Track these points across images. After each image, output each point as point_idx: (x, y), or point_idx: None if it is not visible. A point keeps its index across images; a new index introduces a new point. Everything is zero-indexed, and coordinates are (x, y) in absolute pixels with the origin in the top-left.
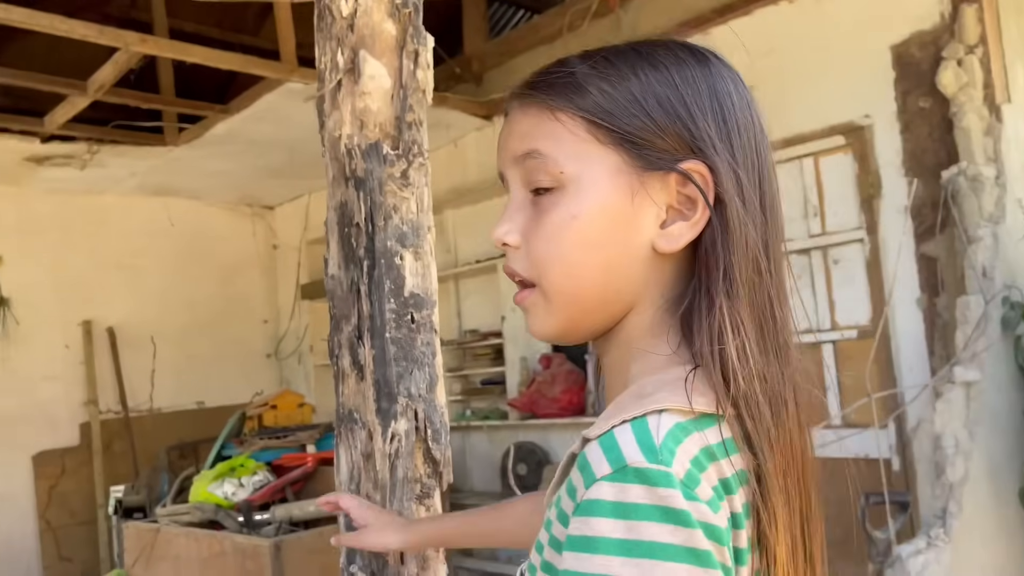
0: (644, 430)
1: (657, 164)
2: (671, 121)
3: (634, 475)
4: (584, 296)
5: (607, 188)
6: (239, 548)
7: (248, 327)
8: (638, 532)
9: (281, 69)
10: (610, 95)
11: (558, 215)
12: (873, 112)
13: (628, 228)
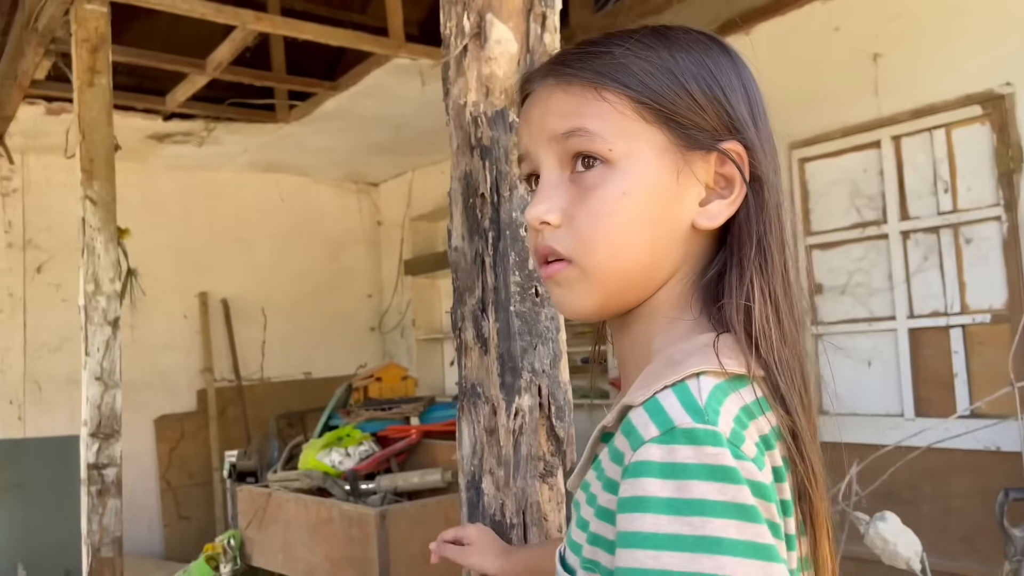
0: (687, 393)
1: (700, 143)
2: (711, 102)
3: (682, 436)
4: (628, 272)
5: (655, 166)
6: (346, 515)
7: (353, 301)
8: (687, 491)
9: (389, 45)
10: (653, 75)
11: (607, 192)
12: (1015, 79)
13: (673, 205)
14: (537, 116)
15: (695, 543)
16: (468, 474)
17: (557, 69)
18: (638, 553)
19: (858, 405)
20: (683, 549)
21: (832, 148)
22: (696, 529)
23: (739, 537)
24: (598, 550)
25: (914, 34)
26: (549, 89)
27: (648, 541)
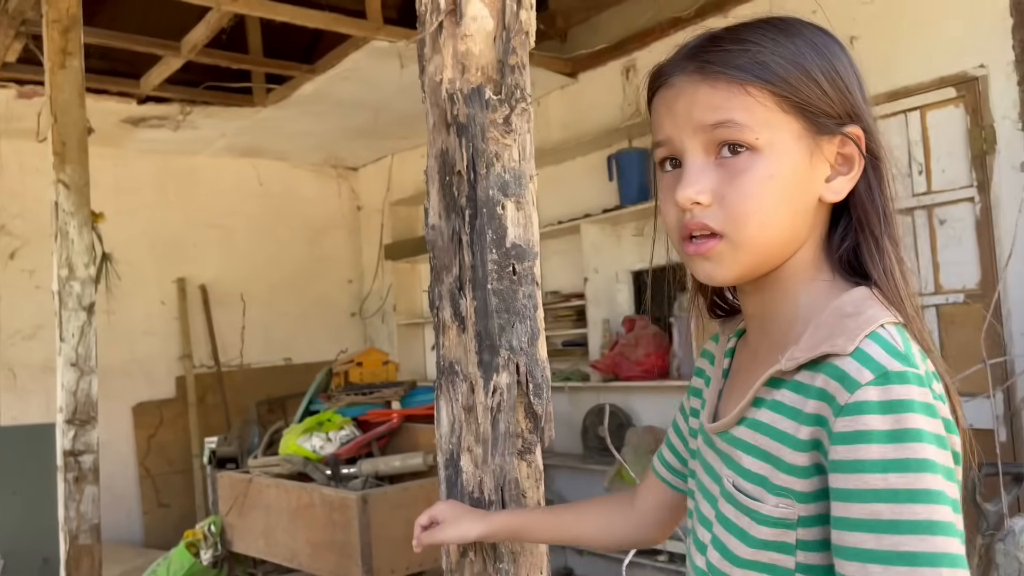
0: (886, 342)
1: (828, 129)
2: (835, 91)
3: (896, 377)
4: (773, 243)
5: (794, 150)
6: (327, 500)
7: (333, 286)
8: (905, 423)
9: (367, 27)
10: (788, 69)
11: (757, 175)
12: (988, 61)
13: (808, 184)
14: (684, 108)
15: (917, 465)
16: (446, 452)
17: (701, 65)
18: (867, 476)
19: None
20: (907, 471)
21: None
22: (916, 453)
23: (941, 462)
24: (790, 478)
25: (889, 17)
26: (695, 83)
27: (876, 466)
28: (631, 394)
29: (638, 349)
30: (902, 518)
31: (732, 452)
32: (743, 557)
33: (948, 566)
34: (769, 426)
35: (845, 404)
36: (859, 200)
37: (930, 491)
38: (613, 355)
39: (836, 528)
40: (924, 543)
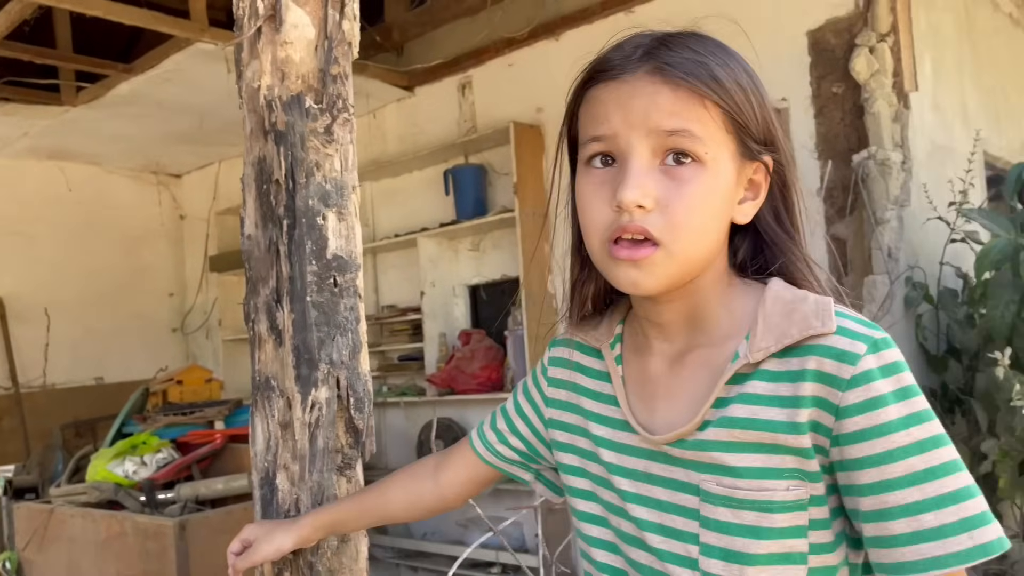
0: (852, 316)
1: (752, 154)
2: (764, 119)
3: (883, 344)
4: (701, 256)
5: (729, 170)
6: (140, 528)
7: (152, 300)
8: (902, 381)
9: (190, 28)
10: (738, 91)
11: (700, 189)
12: (789, 96)
13: (730, 203)
14: (640, 108)
15: (926, 414)
16: (261, 471)
17: (661, 67)
18: (893, 436)
19: None
20: (922, 421)
21: None
22: (921, 405)
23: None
24: (799, 458)
25: None
26: (655, 85)
27: (898, 424)
28: (467, 407)
29: (474, 362)
30: (934, 463)
31: (704, 456)
32: (758, 553)
33: (979, 494)
34: (750, 419)
35: (851, 377)
36: (767, 223)
37: (942, 435)
38: (449, 369)
39: (873, 494)
40: (959, 480)
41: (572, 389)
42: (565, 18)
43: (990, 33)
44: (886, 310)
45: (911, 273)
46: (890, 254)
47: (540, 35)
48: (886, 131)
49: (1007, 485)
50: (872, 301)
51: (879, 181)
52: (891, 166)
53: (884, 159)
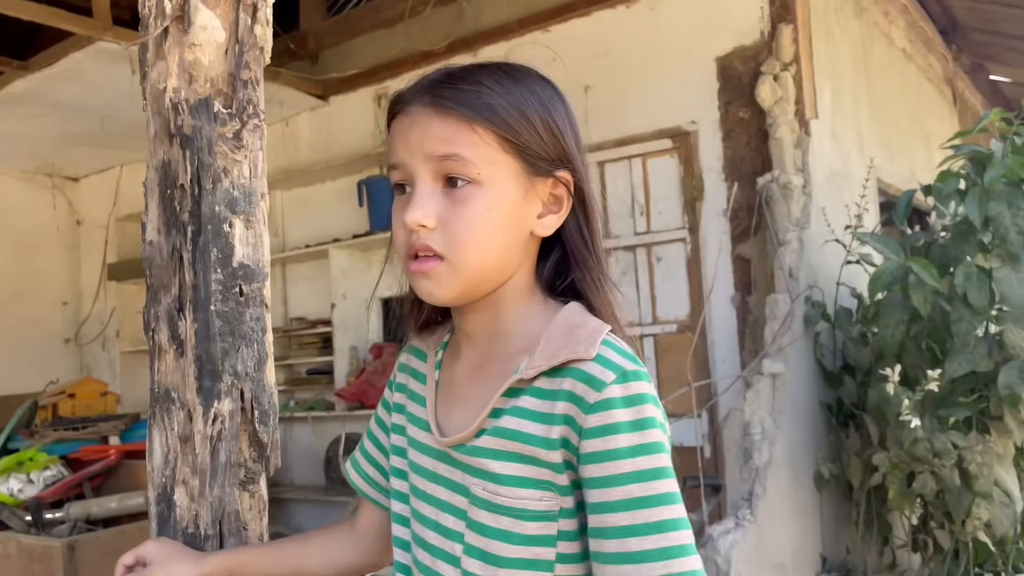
0: (616, 346)
1: (542, 171)
2: (551, 137)
3: (633, 376)
4: (487, 268)
5: (511, 188)
6: (25, 549)
7: (44, 309)
8: (643, 412)
9: (93, 26)
10: (511, 113)
11: (476, 207)
12: (699, 119)
13: (521, 218)
14: (417, 137)
15: (655, 447)
16: (159, 486)
17: (434, 99)
18: (620, 463)
19: None
20: (649, 453)
21: None
22: (653, 437)
23: (666, 444)
24: (552, 473)
25: (618, 71)
26: (428, 115)
27: (626, 452)
28: None
29: (386, 376)
30: (651, 493)
31: (476, 461)
32: (509, 557)
33: (686, 528)
34: (516, 431)
35: (595, 402)
36: (571, 236)
37: (666, 468)
38: (360, 383)
39: (595, 513)
40: (670, 511)
41: (405, 392)
42: (483, 34)
43: (884, 67)
44: (787, 327)
45: (810, 292)
46: (791, 274)
47: (458, 49)
48: (788, 156)
49: (896, 496)
50: (774, 318)
51: (781, 204)
52: (792, 189)
53: (786, 183)
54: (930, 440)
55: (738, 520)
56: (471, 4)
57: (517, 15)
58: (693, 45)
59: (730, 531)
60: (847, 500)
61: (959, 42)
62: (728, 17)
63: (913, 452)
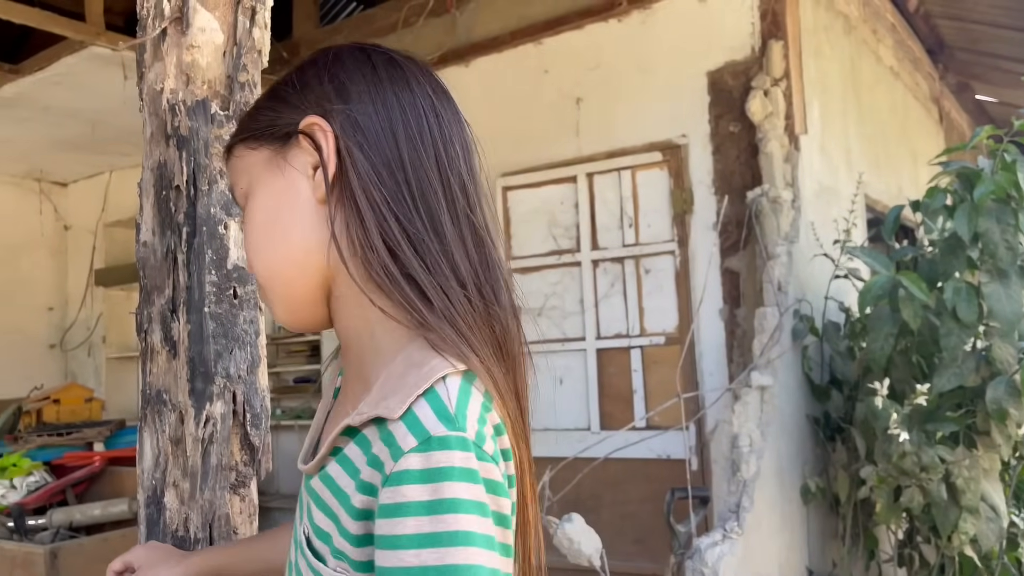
0: (438, 401)
1: (283, 136)
2: (297, 95)
3: (437, 443)
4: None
5: (268, 178)
6: (7, 556)
7: (29, 314)
8: (442, 492)
9: (86, 30)
10: (255, 109)
11: (251, 220)
12: (689, 132)
13: (294, 203)
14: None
15: (450, 538)
16: (148, 489)
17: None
18: (402, 553)
19: (551, 420)
20: (440, 545)
21: (534, 180)
22: (450, 525)
23: (480, 531)
24: (345, 543)
25: (610, 83)
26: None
27: (412, 541)
28: None
29: None
30: None
31: (308, 501)
32: None
33: None
34: (334, 481)
35: (390, 474)
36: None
37: (461, 567)
38: None
39: None
40: None
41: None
42: (475, 45)
43: (872, 84)
44: (775, 340)
45: (799, 306)
46: (780, 287)
47: (450, 60)
48: (778, 170)
49: (883, 510)
50: (763, 332)
51: (771, 218)
52: (782, 204)
53: (776, 197)
54: (918, 454)
55: (726, 532)
56: (464, 16)
57: (510, 27)
58: (684, 59)
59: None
60: (834, 513)
61: (946, 61)
62: (720, 33)
63: (901, 466)
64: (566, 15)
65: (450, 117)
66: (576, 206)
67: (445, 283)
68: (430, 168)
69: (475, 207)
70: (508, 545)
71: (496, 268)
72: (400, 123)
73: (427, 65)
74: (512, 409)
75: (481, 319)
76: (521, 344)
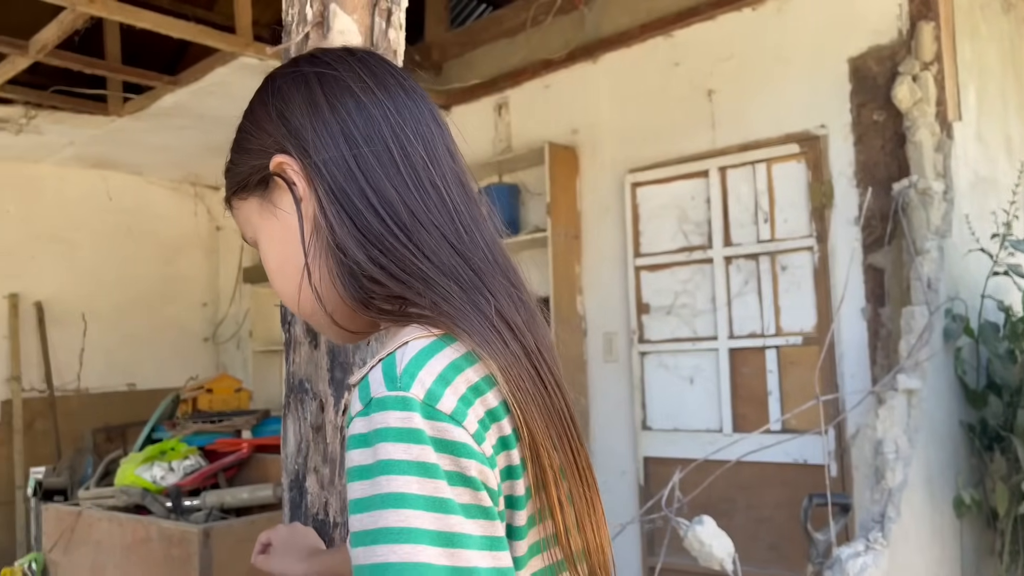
0: (391, 364)
1: (262, 181)
2: (260, 136)
3: (376, 405)
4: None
5: (265, 223)
6: (165, 534)
7: (186, 309)
8: (376, 455)
9: (236, 42)
10: (229, 168)
11: (266, 263)
12: (828, 122)
13: (288, 240)
14: None
15: (383, 500)
16: (291, 473)
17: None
18: (352, 519)
19: (680, 421)
20: (375, 508)
21: (664, 175)
22: (382, 488)
23: (420, 492)
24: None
25: (744, 74)
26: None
27: (357, 506)
28: None
29: None
30: (365, 562)
31: None
32: None
33: None
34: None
35: (345, 440)
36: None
37: (394, 529)
38: None
39: None
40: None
41: None
42: (604, 41)
43: None
44: (924, 341)
45: (951, 305)
46: (930, 285)
47: (578, 57)
48: (928, 160)
49: None
50: (910, 332)
51: (919, 211)
52: (932, 196)
53: (925, 188)
54: None
55: (869, 543)
56: (592, 12)
57: (639, 21)
58: (824, 46)
59: (860, 554)
60: (990, 528)
61: None
62: (862, 16)
63: None
64: (697, 6)
65: (400, 105)
66: (708, 201)
67: (424, 276)
68: (388, 166)
69: (446, 191)
70: (482, 506)
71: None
72: (342, 137)
73: (368, 56)
74: (518, 370)
75: (471, 303)
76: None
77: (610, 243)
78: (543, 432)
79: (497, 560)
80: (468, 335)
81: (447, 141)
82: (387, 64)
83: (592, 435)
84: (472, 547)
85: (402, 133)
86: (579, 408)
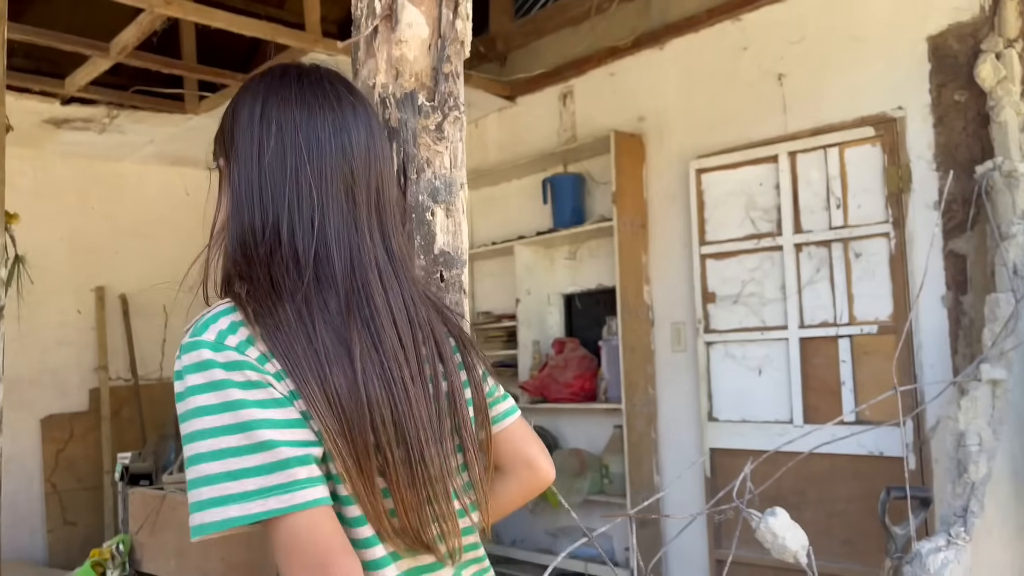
0: (197, 324)
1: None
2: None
3: (182, 349)
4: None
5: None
6: None
7: None
8: (184, 383)
9: (306, 39)
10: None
11: None
12: (906, 104)
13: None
14: None
15: (191, 414)
16: None
17: None
18: (180, 428)
19: (748, 412)
20: (185, 420)
21: (730, 160)
22: (189, 404)
23: (215, 401)
24: None
25: (816, 56)
26: None
27: (180, 419)
28: (559, 416)
29: (567, 371)
30: (188, 454)
31: None
32: None
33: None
34: None
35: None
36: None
37: (196, 431)
38: (542, 377)
39: None
40: (196, 471)
41: None
42: (670, 27)
43: None
44: (1010, 330)
45: None
46: (1016, 271)
47: (644, 44)
48: (1013, 141)
49: None
50: (995, 320)
51: (1005, 194)
52: (1019, 178)
53: (1011, 170)
54: None
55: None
56: None
57: (706, 5)
58: (900, 25)
59: (941, 549)
60: None
61: None
62: None
63: None
64: None
65: (317, 116)
66: (777, 187)
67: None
68: (277, 173)
69: (319, 202)
70: (274, 398)
71: (336, 247)
72: (256, 143)
73: (307, 72)
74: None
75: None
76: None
77: (677, 231)
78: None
79: (293, 435)
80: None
81: (355, 159)
82: (312, 80)
83: (659, 426)
84: (264, 427)
85: (308, 151)
86: (647, 398)
